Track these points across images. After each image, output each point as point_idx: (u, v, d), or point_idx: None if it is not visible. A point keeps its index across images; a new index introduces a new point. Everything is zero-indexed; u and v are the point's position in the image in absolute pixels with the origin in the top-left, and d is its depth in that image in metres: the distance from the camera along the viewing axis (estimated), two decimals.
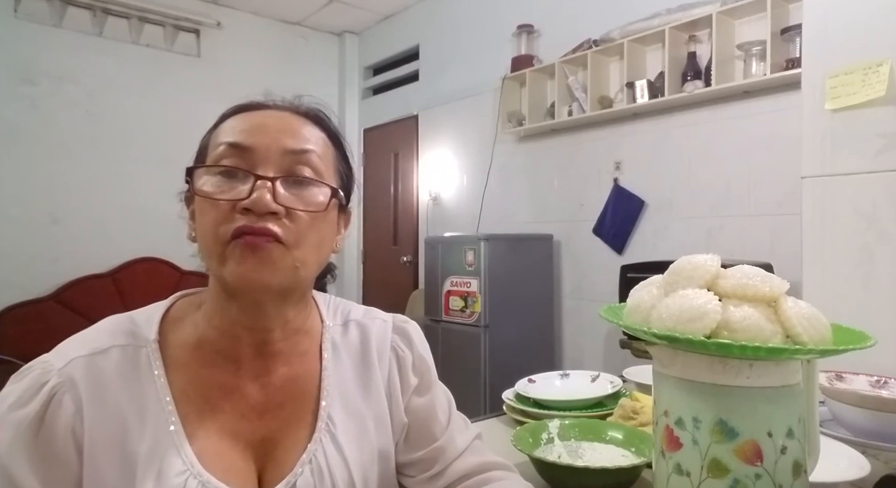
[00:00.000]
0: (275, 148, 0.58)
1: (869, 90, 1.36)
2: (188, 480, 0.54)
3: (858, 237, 1.40)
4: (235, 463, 0.58)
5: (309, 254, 0.59)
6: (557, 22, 3.28)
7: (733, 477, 0.49)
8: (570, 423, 0.92)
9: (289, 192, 0.58)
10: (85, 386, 0.55)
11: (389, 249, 4.52)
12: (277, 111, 0.63)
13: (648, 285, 0.58)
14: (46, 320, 3.41)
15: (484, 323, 2.95)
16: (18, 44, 3.52)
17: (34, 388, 0.54)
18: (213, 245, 0.56)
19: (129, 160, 3.86)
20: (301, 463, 0.60)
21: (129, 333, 0.60)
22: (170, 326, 0.62)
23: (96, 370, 0.56)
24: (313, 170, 0.60)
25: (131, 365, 0.58)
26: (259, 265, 0.55)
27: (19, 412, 0.53)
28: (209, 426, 0.58)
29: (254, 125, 0.60)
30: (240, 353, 0.61)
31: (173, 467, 0.54)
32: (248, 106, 0.64)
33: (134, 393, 0.56)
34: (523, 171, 3.48)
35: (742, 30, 2.46)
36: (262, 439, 0.60)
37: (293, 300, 0.63)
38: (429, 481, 0.69)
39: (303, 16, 4.54)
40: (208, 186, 0.57)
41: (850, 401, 0.91)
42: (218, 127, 0.63)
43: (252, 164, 0.57)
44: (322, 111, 0.67)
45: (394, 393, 0.70)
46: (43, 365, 0.56)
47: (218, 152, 0.58)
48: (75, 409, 0.54)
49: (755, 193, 2.46)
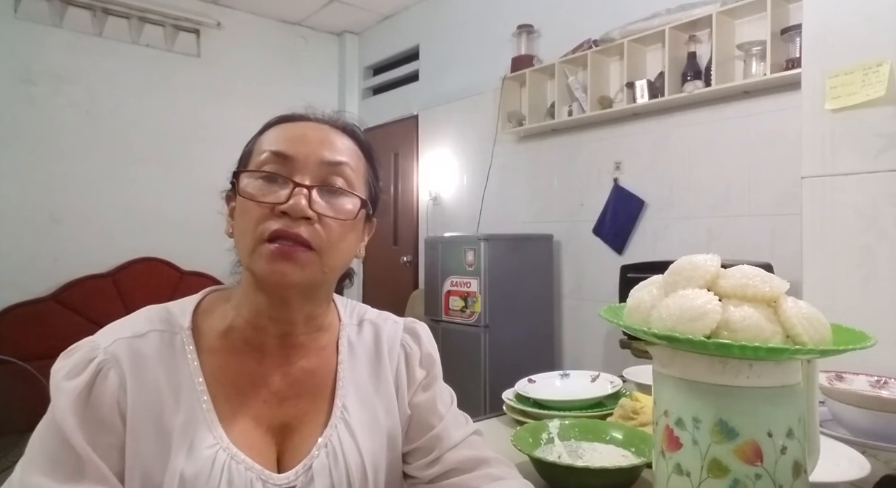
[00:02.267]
0: (313, 158, 0.64)
1: (869, 90, 1.36)
2: (218, 453, 0.60)
3: (858, 237, 1.40)
4: (258, 443, 0.63)
5: (336, 258, 0.65)
6: (557, 22, 3.28)
7: (733, 477, 0.49)
8: (570, 423, 0.92)
9: (323, 200, 0.63)
10: (127, 363, 0.60)
11: (389, 249, 4.52)
12: (317, 123, 0.69)
13: (648, 285, 0.58)
14: (46, 320, 3.41)
15: (484, 323, 2.95)
16: (18, 44, 3.52)
17: (83, 363, 0.59)
18: (251, 241, 0.61)
19: (130, 160, 3.86)
20: (318, 446, 0.66)
21: (164, 321, 0.65)
22: (201, 316, 0.68)
23: (137, 350, 0.61)
24: (346, 181, 0.66)
25: (168, 348, 0.63)
26: (288, 265, 0.60)
27: (72, 381, 0.58)
28: (236, 407, 0.64)
29: (295, 135, 0.66)
30: (264, 343, 0.67)
31: (205, 440, 0.60)
32: (291, 117, 0.70)
33: (170, 373, 0.62)
34: (523, 171, 3.48)
35: (742, 30, 2.46)
36: (281, 424, 0.66)
37: (317, 298, 0.69)
38: (426, 467, 0.73)
39: (303, 16, 4.54)
40: (251, 189, 0.63)
41: (850, 401, 0.91)
42: (262, 134, 0.68)
43: (291, 172, 0.63)
44: (357, 126, 0.73)
45: (401, 384, 0.75)
46: (90, 343, 0.61)
47: (262, 158, 0.64)
48: (119, 383, 0.59)
49: (755, 193, 2.46)
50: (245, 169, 0.66)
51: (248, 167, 0.66)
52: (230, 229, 0.67)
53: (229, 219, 0.68)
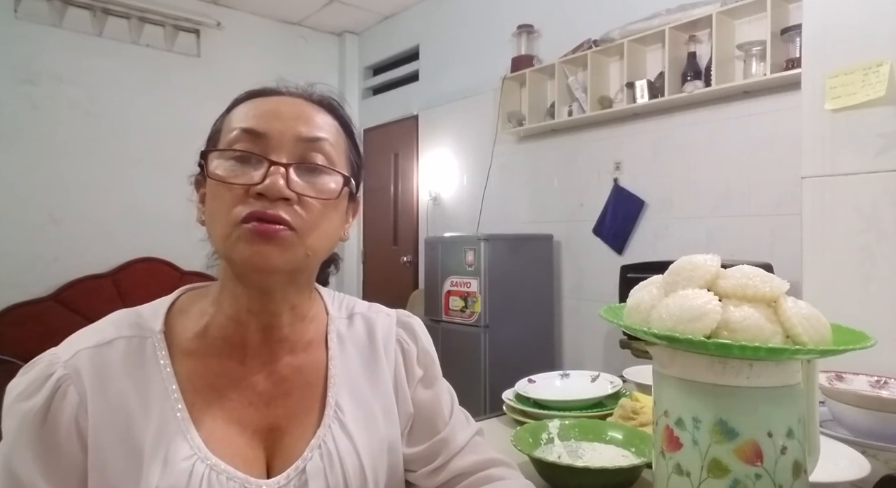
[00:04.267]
0: (289, 135, 0.59)
1: (869, 90, 1.36)
2: (196, 464, 0.55)
3: (858, 237, 1.40)
4: (243, 449, 0.59)
5: (319, 240, 0.59)
6: (557, 22, 3.28)
7: (733, 478, 0.49)
8: (570, 423, 0.92)
9: (301, 179, 0.58)
10: (90, 377, 0.56)
11: (389, 249, 4.52)
12: (291, 98, 0.63)
13: (648, 285, 0.58)
14: (46, 320, 3.41)
15: (484, 323, 2.95)
16: (18, 44, 3.52)
17: (40, 380, 0.55)
18: (225, 227, 0.56)
19: (129, 160, 3.86)
20: (311, 447, 0.61)
21: (134, 325, 0.61)
22: (176, 317, 0.63)
23: (101, 361, 0.57)
24: (326, 157, 0.60)
25: (136, 355, 0.58)
26: (268, 248, 0.55)
27: (25, 403, 0.54)
28: (216, 413, 0.59)
29: (268, 111, 0.60)
30: (246, 339, 0.62)
31: (180, 452, 0.55)
32: (261, 91, 0.64)
33: (139, 383, 0.57)
34: (523, 171, 3.48)
35: (742, 30, 2.46)
36: (269, 427, 0.61)
37: (299, 285, 0.64)
38: (430, 475, 0.69)
39: (303, 16, 4.54)
40: (221, 170, 0.57)
41: (850, 401, 0.91)
42: (231, 111, 0.63)
43: (266, 150, 0.57)
44: (334, 99, 0.67)
45: (400, 384, 0.71)
46: (51, 356, 0.57)
47: (231, 137, 0.59)
48: (79, 401, 0.55)
49: (755, 193, 2.46)
50: (214, 148, 0.60)
51: (216, 147, 0.60)
52: (202, 216, 0.62)
53: (200, 206, 0.63)
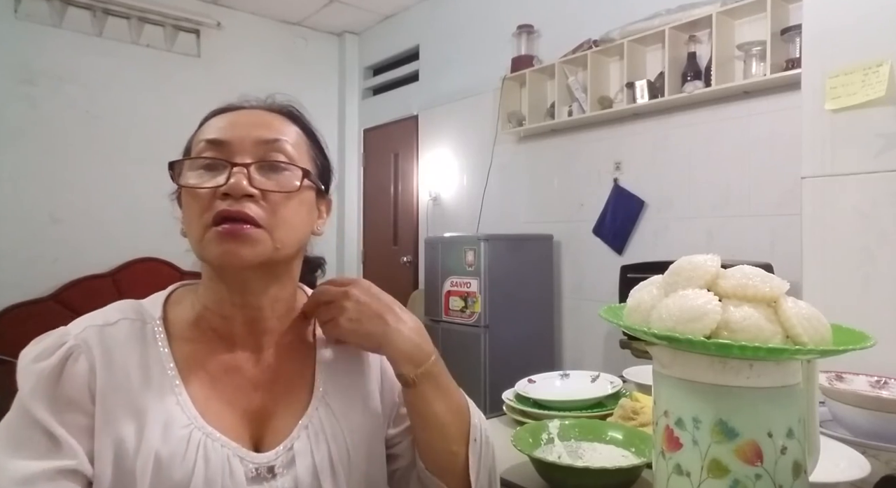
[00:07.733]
0: (249, 139, 0.63)
1: (869, 90, 1.36)
2: (192, 432, 0.60)
3: (858, 237, 1.40)
4: (235, 426, 0.63)
5: (286, 234, 0.63)
6: (557, 22, 3.28)
7: (733, 478, 0.49)
8: (570, 423, 0.92)
9: (263, 176, 0.62)
10: (98, 349, 0.60)
11: (389, 249, 4.52)
12: (252, 110, 0.68)
13: (648, 285, 0.58)
14: (46, 320, 3.29)
15: (484, 323, 2.95)
16: (18, 44, 3.52)
17: (53, 347, 0.60)
18: (197, 230, 0.61)
19: (129, 160, 3.85)
20: (299, 427, 0.65)
21: (136, 311, 0.66)
22: (171, 307, 0.68)
23: (107, 337, 0.62)
24: (285, 155, 0.64)
25: (139, 335, 0.63)
26: (238, 245, 0.60)
27: (40, 364, 0.59)
28: (209, 393, 0.63)
29: (230, 122, 0.65)
30: (233, 332, 0.66)
31: (178, 420, 0.60)
32: (225, 108, 0.69)
33: (141, 359, 0.62)
34: (523, 171, 3.48)
35: (742, 30, 2.46)
36: (258, 409, 0.65)
37: (278, 278, 0.67)
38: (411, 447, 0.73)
39: (303, 16, 4.54)
40: (191, 179, 0.62)
41: (850, 402, 0.91)
42: (199, 129, 0.68)
43: (229, 156, 0.62)
44: (294, 108, 0.71)
45: (386, 375, 0.74)
46: (61, 330, 0.62)
47: (198, 149, 0.64)
48: (89, 368, 0.59)
49: (755, 193, 2.46)
50: (181, 159, 0.65)
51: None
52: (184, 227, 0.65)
53: (181, 219, 0.66)
